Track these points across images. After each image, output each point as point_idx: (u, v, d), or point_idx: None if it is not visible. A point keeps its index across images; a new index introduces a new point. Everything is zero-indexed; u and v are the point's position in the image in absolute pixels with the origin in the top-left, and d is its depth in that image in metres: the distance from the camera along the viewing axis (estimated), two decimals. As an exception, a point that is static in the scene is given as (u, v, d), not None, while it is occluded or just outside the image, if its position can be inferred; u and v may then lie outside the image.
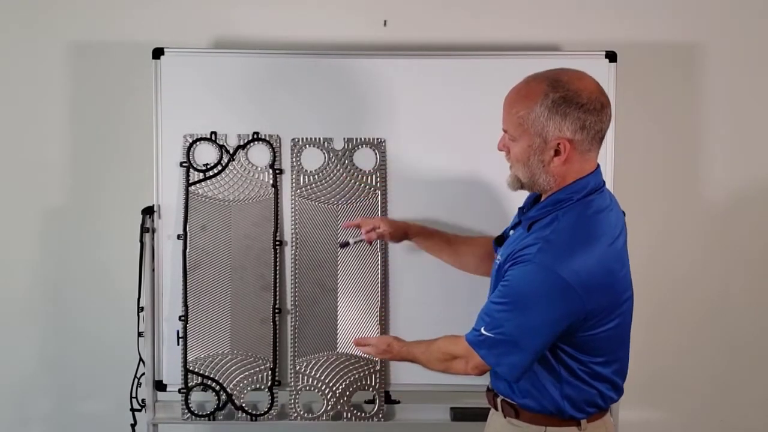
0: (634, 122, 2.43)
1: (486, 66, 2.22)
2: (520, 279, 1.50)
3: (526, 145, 1.52)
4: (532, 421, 1.64)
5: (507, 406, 1.69)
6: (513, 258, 1.54)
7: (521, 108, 1.51)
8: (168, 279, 2.26)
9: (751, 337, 2.58)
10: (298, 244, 2.24)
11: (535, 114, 1.49)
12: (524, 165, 1.54)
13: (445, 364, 1.66)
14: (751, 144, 2.53)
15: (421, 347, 1.73)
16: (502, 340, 1.52)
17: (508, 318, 1.51)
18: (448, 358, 1.65)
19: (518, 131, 1.52)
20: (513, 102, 1.54)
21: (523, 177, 1.57)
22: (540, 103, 1.48)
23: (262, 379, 2.24)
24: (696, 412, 2.60)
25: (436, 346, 1.69)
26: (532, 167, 1.54)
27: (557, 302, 1.46)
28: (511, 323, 1.51)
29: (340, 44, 2.41)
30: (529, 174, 1.55)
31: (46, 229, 2.52)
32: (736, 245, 2.54)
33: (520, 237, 1.59)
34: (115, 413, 2.43)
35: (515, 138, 1.54)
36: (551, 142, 1.50)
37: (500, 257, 1.64)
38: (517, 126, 1.52)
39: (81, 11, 2.46)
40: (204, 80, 2.23)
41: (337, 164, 2.25)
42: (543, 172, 1.53)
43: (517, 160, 1.55)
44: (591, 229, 1.53)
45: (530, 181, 1.56)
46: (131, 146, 2.44)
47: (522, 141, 1.53)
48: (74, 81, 2.48)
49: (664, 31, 2.47)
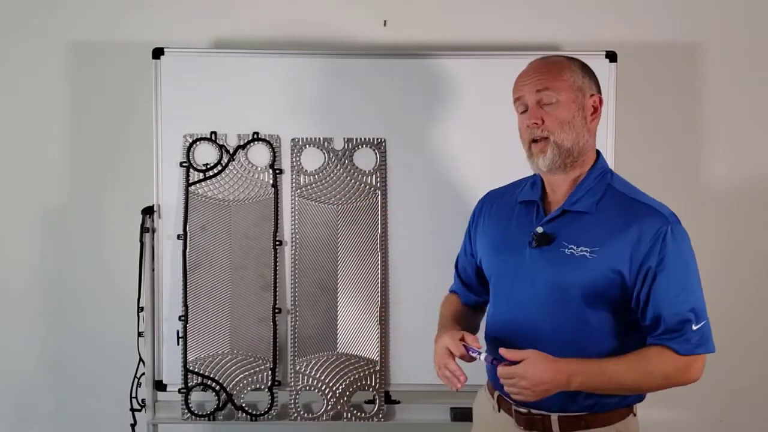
0: (634, 122, 2.43)
1: (486, 66, 2.22)
2: (675, 248, 1.48)
3: (572, 101, 1.55)
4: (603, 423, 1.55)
5: (571, 421, 1.55)
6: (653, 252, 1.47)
7: (563, 68, 1.57)
8: (168, 279, 2.26)
9: (752, 336, 2.58)
10: (298, 244, 2.24)
11: (574, 72, 1.57)
12: (570, 126, 1.54)
13: (666, 382, 1.53)
14: (751, 144, 2.53)
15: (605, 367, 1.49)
16: (705, 316, 1.51)
17: (694, 292, 1.51)
18: (667, 378, 1.52)
19: (561, 89, 1.55)
20: (549, 66, 1.58)
21: (568, 140, 1.54)
22: (573, 64, 1.58)
23: (262, 379, 2.24)
24: (696, 412, 2.59)
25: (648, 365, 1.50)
26: (577, 126, 1.55)
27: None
28: (697, 295, 1.51)
29: (340, 44, 2.41)
30: (574, 135, 1.54)
31: (46, 229, 2.52)
32: (737, 244, 2.54)
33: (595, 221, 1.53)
34: (115, 413, 2.43)
35: (557, 100, 1.54)
36: (589, 98, 1.57)
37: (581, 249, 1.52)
38: (559, 83, 1.55)
39: (81, 11, 2.46)
40: (204, 80, 2.23)
41: (337, 164, 2.25)
42: (585, 131, 1.56)
43: (561, 123, 1.54)
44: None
45: (575, 142, 1.55)
46: (131, 146, 2.44)
47: (566, 99, 1.55)
48: (74, 81, 2.48)
49: (664, 31, 2.47)
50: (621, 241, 1.49)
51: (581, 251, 1.51)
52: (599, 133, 2.17)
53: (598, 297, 1.51)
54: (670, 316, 1.47)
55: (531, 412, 1.57)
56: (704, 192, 2.52)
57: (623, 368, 1.48)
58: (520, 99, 1.58)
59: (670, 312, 1.47)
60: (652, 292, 1.48)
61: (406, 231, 2.26)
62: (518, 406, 1.59)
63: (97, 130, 2.49)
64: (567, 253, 1.52)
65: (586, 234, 1.52)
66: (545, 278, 1.54)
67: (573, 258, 1.51)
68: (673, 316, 1.47)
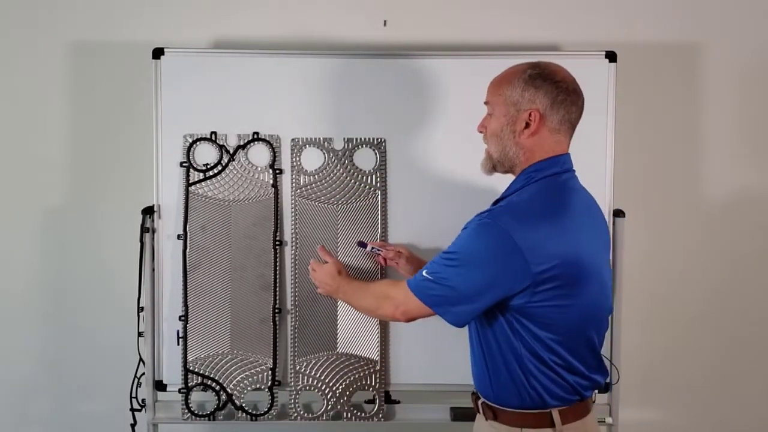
0: (634, 122, 2.43)
1: (486, 66, 2.21)
2: (473, 235, 1.58)
3: (502, 115, 1.64)
4: (509, 423, 1.65)
5: (487, 409, 1.70)
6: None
7: (502, 83, 1.65)
8: (168, 279, 2.26)
9: (749, 336, 2.58)
10: (298, 244, 2.24)
11: (512, 86, 1.63)
12: (497, 138, 1.65)
13: (376, 302, 1.75)
14: (751, 144, 2.53)
15: (358, 283, 1.91)
16: (449, 293, 1.58)
17: (456, 273, 1.58)
18: (380, 296, 1.74)
19: (496, 103, 1.65)
20: (497, 80, 1.69)
21: (495, 151, 1.67)
22: (519, 77, 1.63)
23: (262, 379, 2.24)
24: (694, 411, 2.60)
25: (375, 284, 1.85)
26: (504, 139, 1.64)
27: (503, 263, 1.53)
28: (459, 278, 1.57)
29: (340, 44, 2.42)
30: (501, 147, 1.65)
31: (46, 229, 2.52)
32: (736, 245, 2.55)
33: None
34: (115, 413, 2.43)
35: (493, 112, 1.67)
36: (523, 112, 1.61)
37: None
38: (495, 98, 1.65)
39: (81, 11, 2.46)
40: (204, 80, 2.23)
41: (337, 164, 2.25)
42: (513, 144, 1.63)
43: (491, 135, 1.67)
44: (557, 199, 1.60)
45: (501, 154, 1.66)
46: (131, 146, 2.44)
47: (498, 113, 1.65)
48: (74, 81, 2.48)
49: (664, 31, 2.47)
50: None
51: None
52: (598, 133, 2.21)
53: None
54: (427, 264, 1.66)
55: (476, 392, 1.76)
56: (704, 192, 2.53)
57: (362, 286, 1.87)
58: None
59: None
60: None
61: (406, 231, 2.26)
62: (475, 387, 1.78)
63: (97, 130, 2.49)
64: None
65: None
66: None
67: None
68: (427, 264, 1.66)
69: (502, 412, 1.66)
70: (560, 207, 1.59)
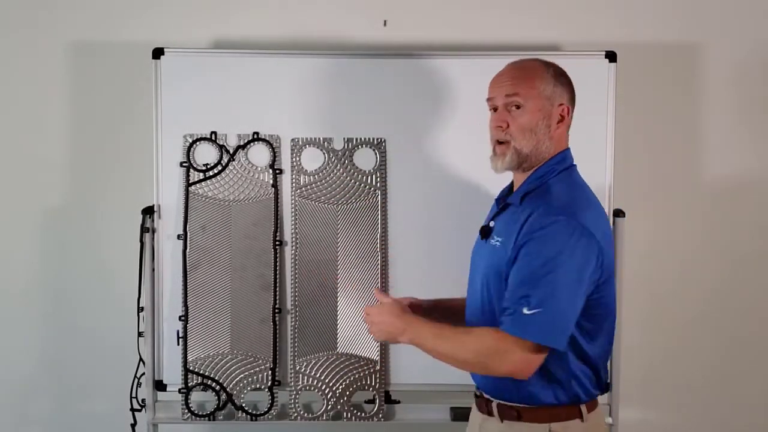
0: (634, 122, 2.43)
1: (486, 66, 2.20)
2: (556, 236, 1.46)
3: (537, 110, 1.58)
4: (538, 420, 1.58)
5: (506, 410, 1.62)
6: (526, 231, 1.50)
7: (533, 77, 1.60)
8: (168, 279, 2.26)
9: (750, 335, 2.58)
10: (298, 244, 2.24)
11: (545, 81, 1.59)
12: (531, 132, 1.58)
13: (482, 359, 1.51)
14: (751, 144, 2.53)
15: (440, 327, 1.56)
16: (549, 309, 1.44)
17: (548, 282, 1.45)
18: (485, 352, 1.50)
19: (529, 97, 1.58)
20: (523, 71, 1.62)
21: (527, 146, 1.59)
22: (546, 71, 1.61)
23: (262, 379, 2.24)
24: (694, 411, 2.59)
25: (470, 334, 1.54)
26: (539, 133, 1.59)
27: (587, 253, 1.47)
28: (551, 287, 1.45)
29: (340, 44, 2.42)
30: (535, 141, 1.59)
31: (46, 229, 2.52)
32: (736, 245, 2.54)
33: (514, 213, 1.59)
34: (115, 413, 2.43)
35: (523, 105, 1.58)
36: (557, 107, 1.60)
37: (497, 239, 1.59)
38: (528, 91, 1.58)
39: (81, 11, 2.46)
40: (204, 80, 2.23)
41: (337, 164, 2.25)
42: (547, 139, 1.59)
43: (523, 129, 1.58)
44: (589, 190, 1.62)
45: (534, 149, 1.59)
46: (131, 146, 2.44)
47: (532, 107, 1.58)
48: (74, 81, 2.48)
49: (664, 31, 2.47)
50: (515, 227, 1.54)
51: (496, 240, 1.60)
52: (598, 132, 2.21)
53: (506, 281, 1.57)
54: (511, 295, 1.49)
55: (483, 395, 1.67)
56: (704, 192, 2.52)
57: (448, 333, 1.54)
58: (492, 100, 1.64)
59: (511, 292, 1.50)
60: (511, 272, 1.52)
61: (406, 231, 2.26)
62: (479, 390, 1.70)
63: (97, 130, 2.49)
64: (492, 243, 1.62)
65: (505, 225, 1.61)
66: (479, 267, 1.67)
67: (493, 248, 1.61)
68: (512, 296, 1.49)
69: (527, 410, 1.59)
70: (594, 197, 1.62)
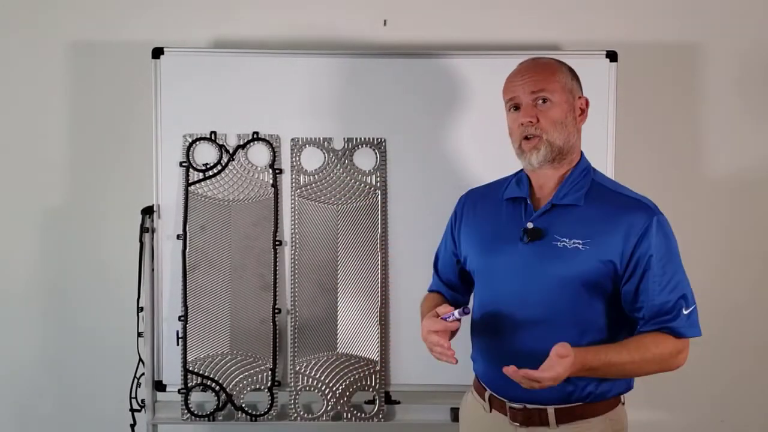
0: (634, 122, 2.42)
1: (486, 66, 2.22)
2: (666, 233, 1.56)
3: (564, 102, 1.61)
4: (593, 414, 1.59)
5: (565, 412, 1.58)
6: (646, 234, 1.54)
7: (553, 71, 1.62)
8: (168, 279, 2.26)
9: (752, 335, 2.57)
10: (298, 244, 2.24)
11: (564, 75, 1.63)
12: (562, 125, 1.60)
13: (665, 365, 1.57)
14: (751, 144, 2.52)
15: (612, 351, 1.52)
16: (694, 303, 1.56)
17: (685, 278, 1.56)
18: (667, 357, 1.55)
19: (555, 90, 1.60)
20: (543, 67, 1.63)
21: (560, 139, 1.60)
22: (561, 66, 1.65)
23: (262, 380, 2.24)
24: (696, 412, 2.59)
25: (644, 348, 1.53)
26: (568, 126, 1.61)
27: None
28: (687, 281, 1.56)
29: (340, 44, 2.41)
30: (566, 134, 1.61)
31: (46, 229, 2.52)
32: (737, 244, 2.54)
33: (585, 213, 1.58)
34: (114, 413, 2.43)
35: (551, 100, 1.60)
36: (578, 99, 1.64)
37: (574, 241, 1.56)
38: (553, 85, 1.60)
39: (81, 11, 2.46)
40: (204, 80, 2.23)
41: (337, 164, 2.24)
42: (575, 131, 1.63)
43: (554, 122, 1.60)
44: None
45: (565, 141, 1.61)
46: (131, 146, 2.44)
47: (559, 100, 1.60)
48: (74, 81, 2.48)
49: (664, 31, 2.47)
50: (612, 233, 1.54)
51: (574, 243, 1.55)
52: (599, 132, 2.22)
53: (592, 288, 1.55)
54: (664, 302, 1.53)
55: (527, 407, 1.60)
56: (704, 191, 2.52)
57: (625, 357, 1.51)
58: (514, 99, 1.64)
59: (663, 299, 1.53)
60: (644, 280, 1.53)
61: (406, 231, 2.25)
62: (513, 402, 1.61)
63: (97, 130, 2.49)
64: (560, 246, 1.56)
65: (577, 226, 1.57)
66: (540, 272, 1.57)
67: (566, 251, 1.55)
68: (666, 303, 1.53)
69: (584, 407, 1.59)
70: None
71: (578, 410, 1.58)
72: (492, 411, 1.67)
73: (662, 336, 1.54)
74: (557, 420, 1.58)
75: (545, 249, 1.57)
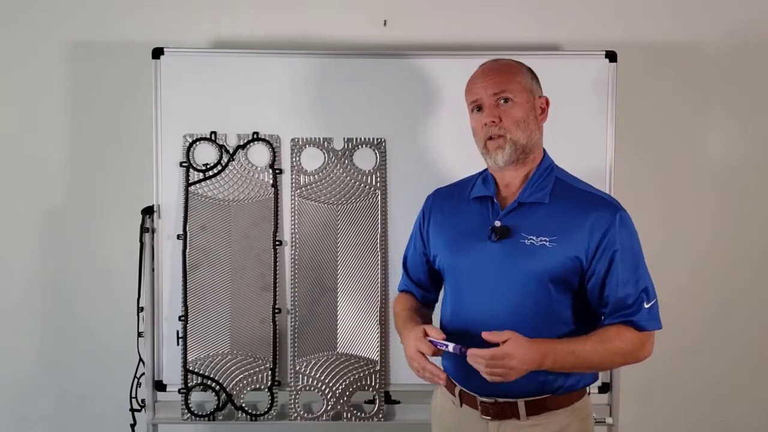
0: (634, 122, 2.43)
1: (486, 66, 2.22)
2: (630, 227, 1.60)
3: (525, 102, 1.64)
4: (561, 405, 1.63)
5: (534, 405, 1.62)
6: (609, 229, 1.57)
7: (512, 72, 1.66)
8: (168, 279, 2.26)
9: (751, 337, 2.57)
10: (298, 244, 2.24)
11: (524, 75, 1.67)
12: (524, 123, 1.64)
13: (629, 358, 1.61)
14: (751, 144, 2.53)
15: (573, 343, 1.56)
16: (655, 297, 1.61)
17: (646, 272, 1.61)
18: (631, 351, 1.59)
19: (516, 90, 1.64)
20: (503, 68, 1.68)
21: (523, 137, 1.63)
22: (521, 67, 1.69)
23: (262, 379, 2.24)
24: (694, 412, 2.59)
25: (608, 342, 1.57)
26: (530, 125, 1.64)
27: None
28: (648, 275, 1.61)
29: (340, 44, 2.41)
30: (528, 133, 1.64)
31: (46, 229, 2.52)
32: (737, 247, 2.54)
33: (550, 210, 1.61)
34: (115, 413, 2.43)
35: (513, 99, 1.64)
36: (538, 99, 1.68)
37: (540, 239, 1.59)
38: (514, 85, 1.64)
39: (81, 11, 2.46)
40: (204, 80, 2.24)
41: (336, 164, 2.25)
42: (537, 130, 1.66)
43: (516, 122, 1.63)
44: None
45: (529, 140, 1.64)
46: (131, 146, 2.44)
47: (521, 100, 1.64)
48: (74, 81, 2.48)
49: (664, 31, 2.47)
50: (577, 229, 1.58)
51: (541, 240, 1.60)
52: (598, 132, 2.22)
53: (560, 283, 1.59)
54: (627, 296, 1.58)
55: (498, 401, 1.63)
56: (703, 191, 2.52)
57: (590, 348, 1.56)
58: (476, 100, 1.68)
59: (625, 292, 1.57)
60: (609, 274, 1.57)
61: (406, 231, 2.24)
62: (484, 396, 1.65)
63: (97, 130, 2.49)
64: (527, 243, 1.60)
65: (544, 224, 1.61)
66: (509, 270, 1.61)
67: (534, 248, 1.59)
68: (628, 296, 1.58)
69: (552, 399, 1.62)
70: None
71: (548, 402, 1.63)
72: (463, 406, 1.70)
73: (624, 329, 1.58)
74: (527, 412, 1.62)
75: (513, 247, 1.61)
